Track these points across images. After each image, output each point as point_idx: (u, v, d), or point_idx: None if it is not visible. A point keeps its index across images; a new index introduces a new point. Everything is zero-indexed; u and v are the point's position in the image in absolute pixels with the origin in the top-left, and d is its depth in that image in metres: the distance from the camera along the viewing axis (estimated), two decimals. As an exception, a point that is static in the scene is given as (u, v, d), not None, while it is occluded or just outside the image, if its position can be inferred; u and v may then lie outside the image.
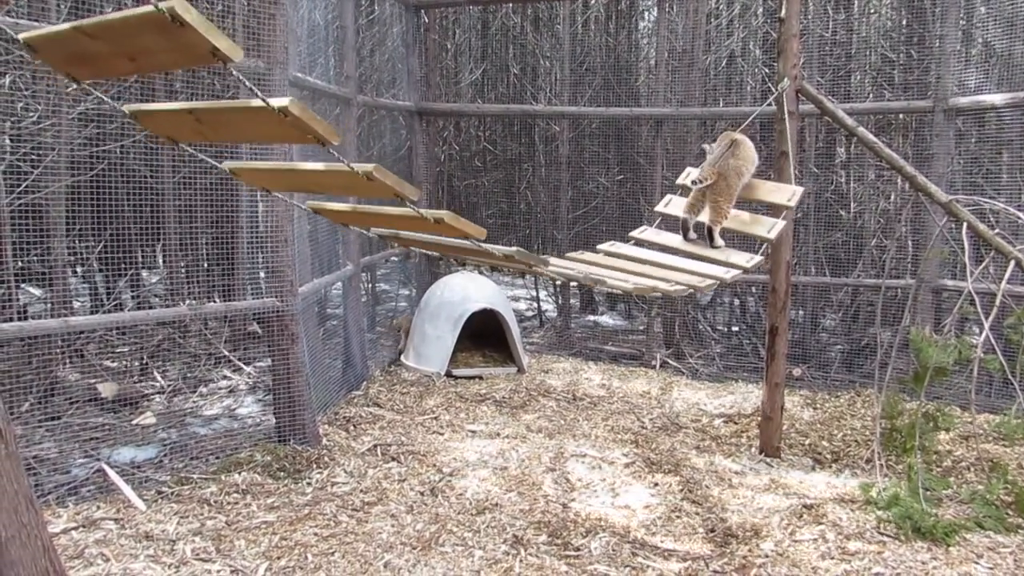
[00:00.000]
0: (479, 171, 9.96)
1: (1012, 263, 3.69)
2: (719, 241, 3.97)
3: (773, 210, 4.14)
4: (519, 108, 7.74)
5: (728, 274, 3.53)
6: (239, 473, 4.10)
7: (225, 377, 6.22)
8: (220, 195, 5.37)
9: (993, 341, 3.82)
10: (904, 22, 6.84)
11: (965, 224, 3.96)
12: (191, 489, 3.91)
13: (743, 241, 4.49)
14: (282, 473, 4.22)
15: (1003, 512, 3.83)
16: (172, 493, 3.87)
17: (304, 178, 2.39)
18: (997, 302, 3.73)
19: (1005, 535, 3.69)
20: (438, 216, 2.19)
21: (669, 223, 4.33)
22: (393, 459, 4.53)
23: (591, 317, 8.89)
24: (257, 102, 1.64)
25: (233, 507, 3.75)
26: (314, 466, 4.35)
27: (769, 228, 3.92)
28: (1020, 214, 3.90)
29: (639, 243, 4.21)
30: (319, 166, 2.10)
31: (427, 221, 2.21)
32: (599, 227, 7.99)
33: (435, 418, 5.27)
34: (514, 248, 2.42)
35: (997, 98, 5.52)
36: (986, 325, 3.73)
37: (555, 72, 8.69)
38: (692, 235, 4.10)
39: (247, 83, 1.68)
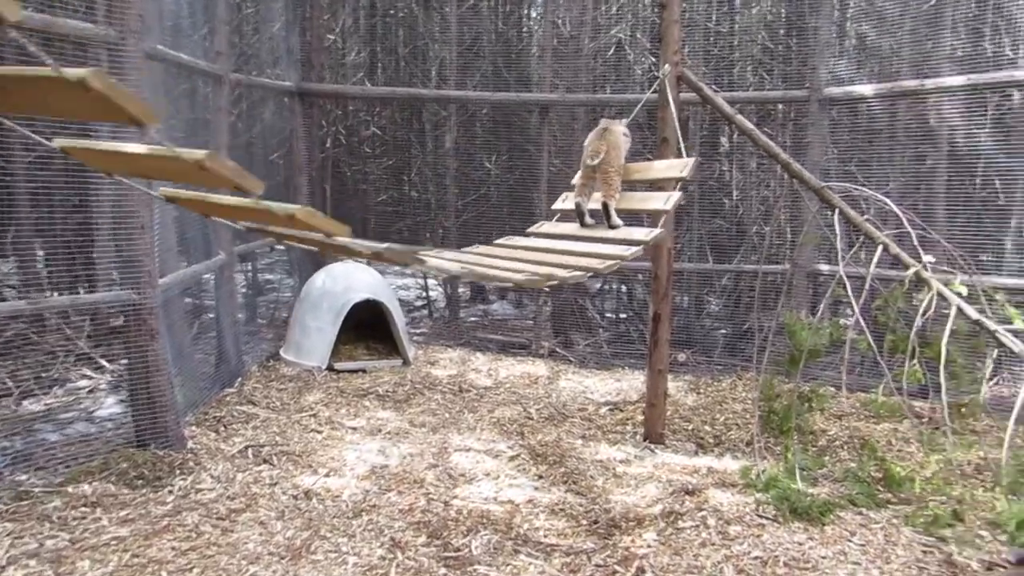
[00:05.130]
0: (368, 157, 9.65)
1: (880, 247, 3.78)
2: (616, 220, 3.88)
3: (666, 187, 4.10)
4: (404, 91, 7.51)
5: (628, 251, 3.44)
6: (89, 483, 3.74)
7: (85, 376, 5.76)
8: (81, 177, 4.92)
9: (863, 323, 3.91)
10: (783, 13, 7.00)
11: (837, 210, 4.04)
12: (31, 505, 3.53)
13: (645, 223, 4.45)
14: (140, 481, 3.89)
15: (874, 488, 3.94)
16: (7, 511, 3.47)
17: (134, 162, 2.11)
18: (867, 285, 3.81)
19: (876, 511, 3.79)
20: (289, 212, 1.97)
21: (567, 218, 4.26)
22: (265, 461, 4.27)
23: (481, 306, 8.77)
24: (49, 70, 1.39)
25: (79, 523, 3.41)
26: (177, 472, 4.03)
27: (665, 200, 3.87)
28: (887, 200, 4.00)
29: (538, 236, 4.12)
30: (142, 149, 1.84)
31: (277, 216, 1.99)
32: (488, 215, 7.86)
33: (313, 415, 5.02)
34: (385, 245, 2.23)
35: (867, 88, 5.70)
36: (856, 308, 3.80)
37: (444, 56, 8.49)
38: (589, 220, 4.02)
39: (31, 46, 1.43)
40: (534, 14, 9.13)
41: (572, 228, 4.09)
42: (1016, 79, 4.99)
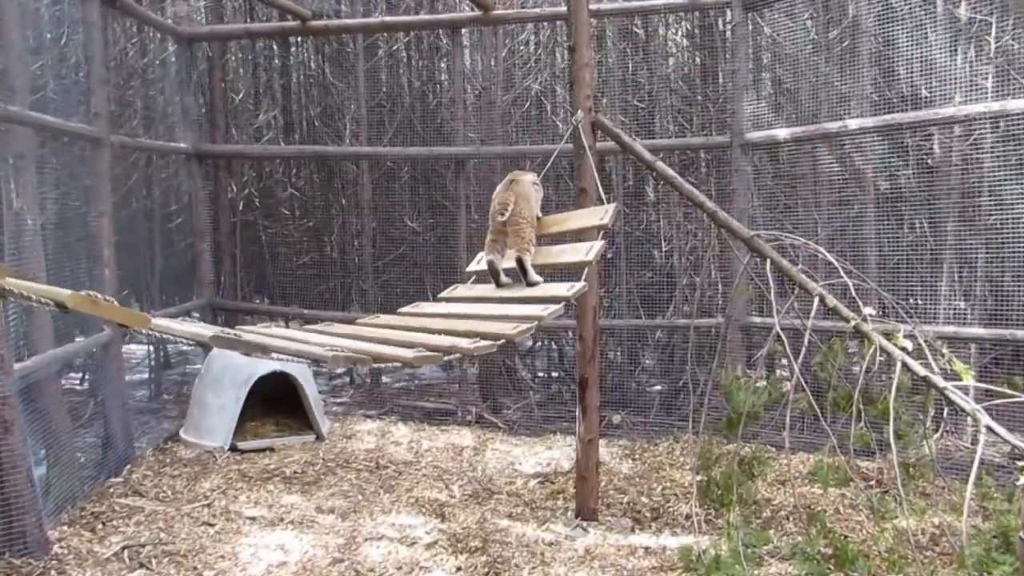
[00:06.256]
0: (287, 219, 9.18)
1: (816, 299, 3.51)
2: (534, 276, 3.53)
3: (587, 236, 3.79)
4: (311, 149, 7.16)
5: (546, 311, 3.07)
6: (-83, 612, 3.15)
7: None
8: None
9: (802, 380, 3.61)
10: (698, 60, 6.91)
11: (769, 260, 3.78)
12: None
13: (569, 277, 4.11)
14: (-15, 603, 3.30)
15: (825, 567, 3.58)
16: None
17: None
18: (806, 341, 3.52)
19: (829, 595, 3.44)
20: None
21: (484, 279, 3.91)
22: (142, 565, 3.71)
23: (408, 369, 8.29)
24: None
25: None
26: (35, 586, 3.45)
27: (586, 251, 3.52)
28: (820, 249, 3.76)
29: (450, 301, 3.75)
30: None
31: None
32: (409, 274, 7.48)
33: (207, 505, 4.46)
34: (75, 292, 1.77)
35: (788, 132, 5.56)
36: (795, 365, 3.51)
37: (359, 113, 8.18)
38: (505, 279, 3.66)
39: None
40: (447, 68, 8.92)
41: (487, 290, 3.74)
42: (941, 116, 4.88)
